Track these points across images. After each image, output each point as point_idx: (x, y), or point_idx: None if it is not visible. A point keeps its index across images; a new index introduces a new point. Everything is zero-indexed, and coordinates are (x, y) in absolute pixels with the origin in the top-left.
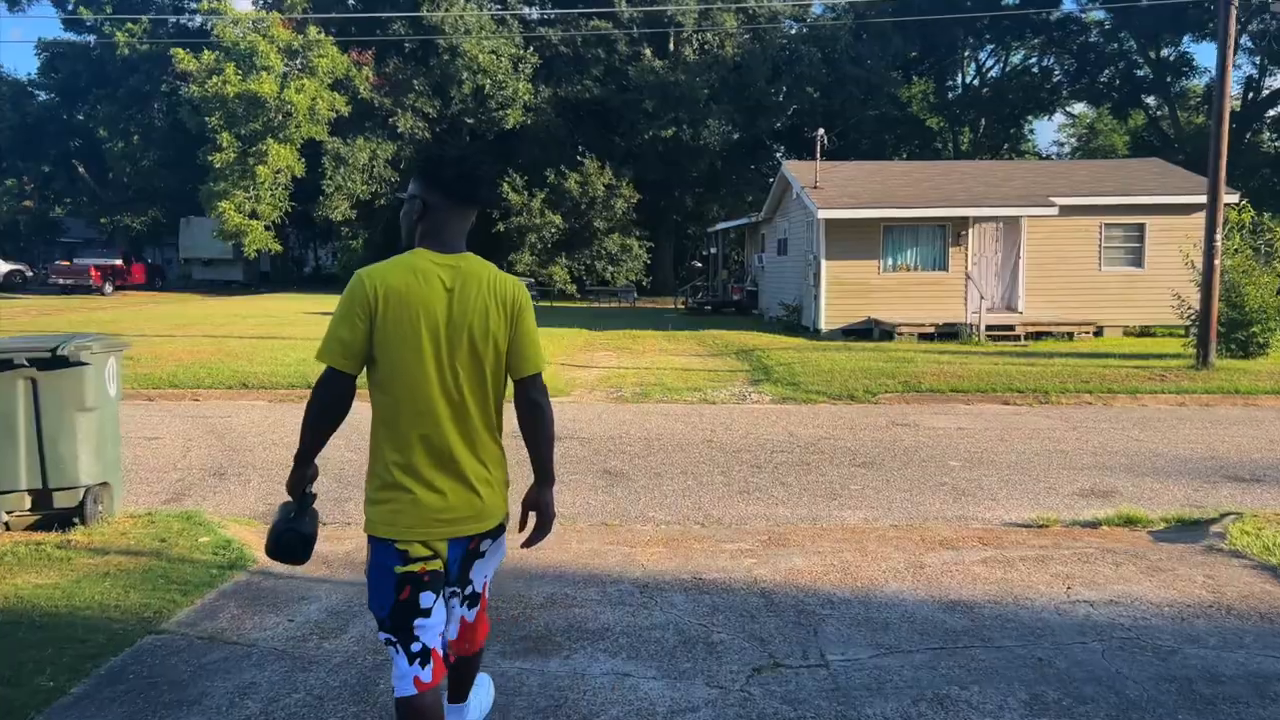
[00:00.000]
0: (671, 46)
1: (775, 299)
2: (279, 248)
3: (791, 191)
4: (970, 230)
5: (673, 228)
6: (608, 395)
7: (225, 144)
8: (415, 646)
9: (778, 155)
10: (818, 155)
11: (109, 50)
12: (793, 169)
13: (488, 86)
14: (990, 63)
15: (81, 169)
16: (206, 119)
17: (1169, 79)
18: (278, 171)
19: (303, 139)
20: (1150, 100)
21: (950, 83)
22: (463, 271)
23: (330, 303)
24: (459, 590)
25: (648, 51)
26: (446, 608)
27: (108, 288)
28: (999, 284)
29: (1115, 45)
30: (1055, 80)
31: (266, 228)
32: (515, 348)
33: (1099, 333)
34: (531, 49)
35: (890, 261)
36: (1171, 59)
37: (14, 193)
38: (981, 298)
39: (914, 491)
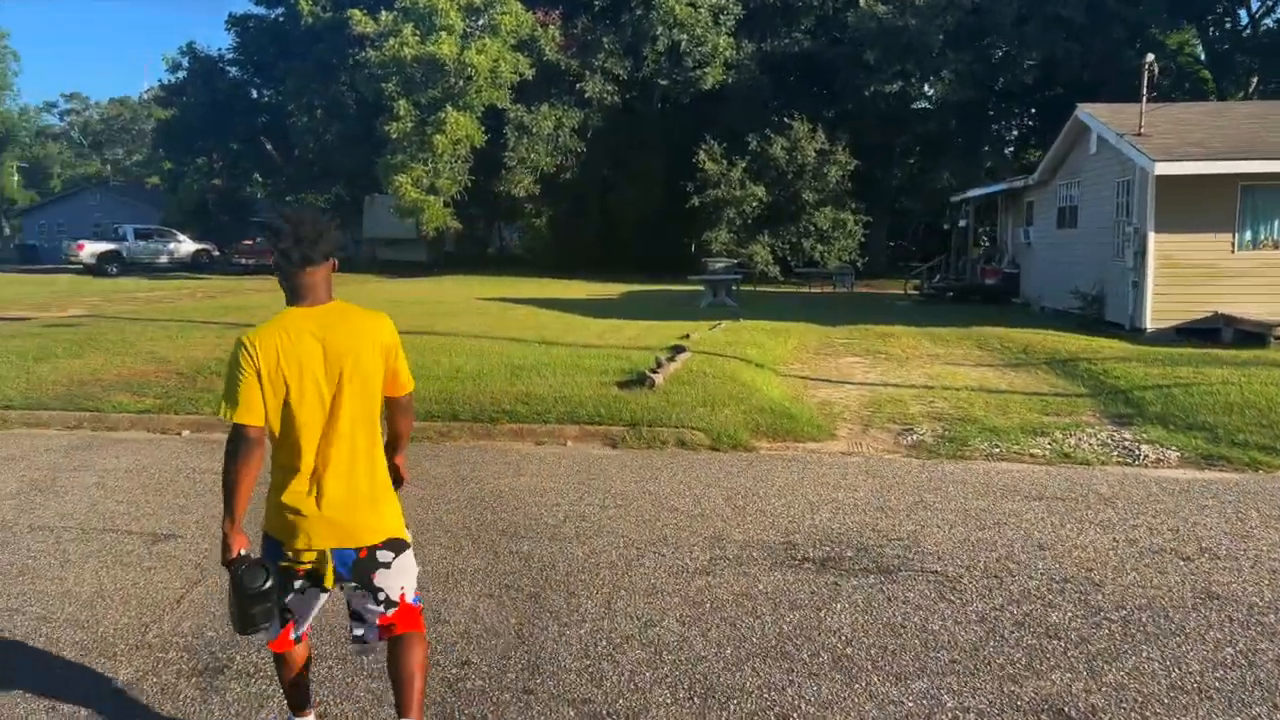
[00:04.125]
0: None
1: (1052, 284)
2: (458, 225)
3: (1089, 143)
4: None
5: (887, 200)
6: (897, 440)
7: (402, 113)
8: (285, 617)
9: (1018, 113)
10: (1145, 92)
11: (294, 21)
12: (1096, 113)
13: (684, 43)
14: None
15: (269, 146)
16: (383, 85)
17: None
18: (457, 142)
19: (483, 105)
20: None
21: (1219, 30)
22: (328, 324)
23: (510, 285)
24: (369, 593)
25: None
26: (351, 611)
27: None
28: None
29: None
30: None
31: (445, 204)
32: (389, 378)
33: None
34: None
35: (1249, 235)
36: None
37: (204, 171)
38: None
39: None
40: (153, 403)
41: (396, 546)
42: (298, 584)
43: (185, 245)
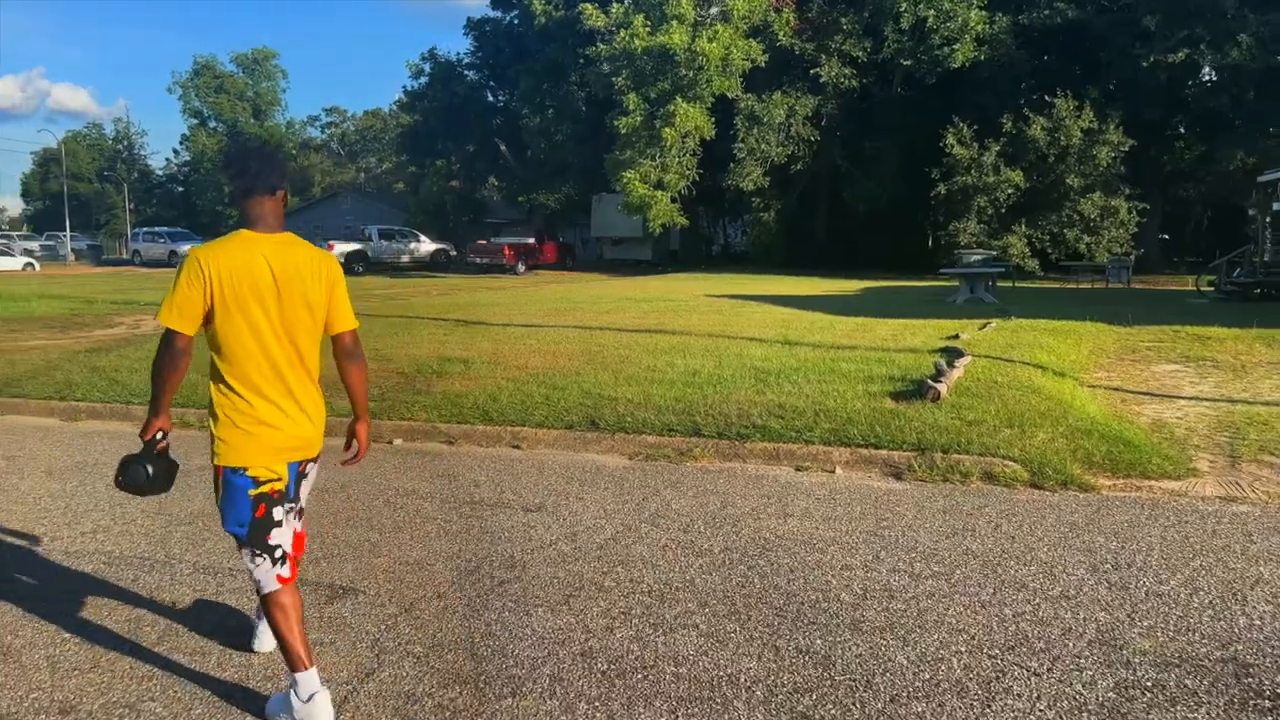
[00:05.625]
0: None
1: None
2: (684, 221)
3: None
4: None
5: (1161, 186)
6: None
7: (632, 107)
8: (276, 553)
9: None
10: None
11: (528, 22)
12: None
13: (931, 19)
14: None
15: (503, 147)
16: (613, 80)
17: None
18: (685, 135)
19: (713, 96)
20: None
21: None
22: (282, 252)
23: (739, 282)
24: (294, 505)
25: None
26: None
27: (520, 267)
28: None
29: None
30: None
31: (672, 199)
32: (332, 311)
33: None
34: None
35: None
36: None
37: (442, 173)
38: None
39: None
40: None
41: (317, 457)
42: (278, 512)
43: (425, 245)
